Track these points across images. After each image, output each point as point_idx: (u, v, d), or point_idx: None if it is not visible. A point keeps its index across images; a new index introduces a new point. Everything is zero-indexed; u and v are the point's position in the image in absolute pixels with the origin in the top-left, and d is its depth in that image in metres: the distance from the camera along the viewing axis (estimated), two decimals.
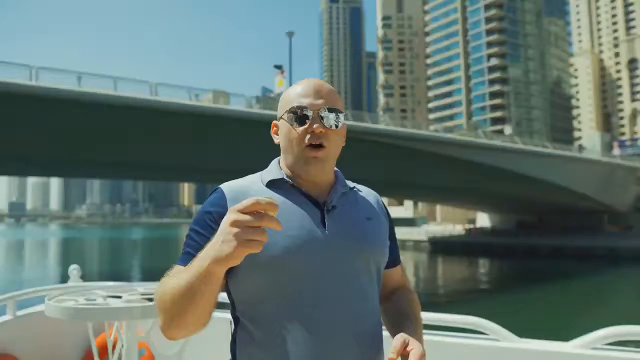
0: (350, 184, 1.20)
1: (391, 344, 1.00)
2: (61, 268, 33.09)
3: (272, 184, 1.09)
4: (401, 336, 1.00)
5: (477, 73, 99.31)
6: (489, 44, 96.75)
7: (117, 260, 43.18)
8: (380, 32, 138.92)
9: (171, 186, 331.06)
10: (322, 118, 1.07)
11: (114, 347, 2.28)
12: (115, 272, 31.08)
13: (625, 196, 50.65)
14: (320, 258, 1.02)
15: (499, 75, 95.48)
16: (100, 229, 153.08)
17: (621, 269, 33.85)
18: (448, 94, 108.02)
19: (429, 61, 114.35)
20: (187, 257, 0.98)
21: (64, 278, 3.26)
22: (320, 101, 1.08)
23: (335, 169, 1.18)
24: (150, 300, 2.04)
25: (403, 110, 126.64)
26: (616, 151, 61.25)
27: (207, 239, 0.95)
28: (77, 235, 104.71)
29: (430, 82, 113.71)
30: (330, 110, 1.08)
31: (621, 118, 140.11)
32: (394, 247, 1.21)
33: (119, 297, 2.12)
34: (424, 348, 1.00)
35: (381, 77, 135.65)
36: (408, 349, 0.97)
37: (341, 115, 1.11)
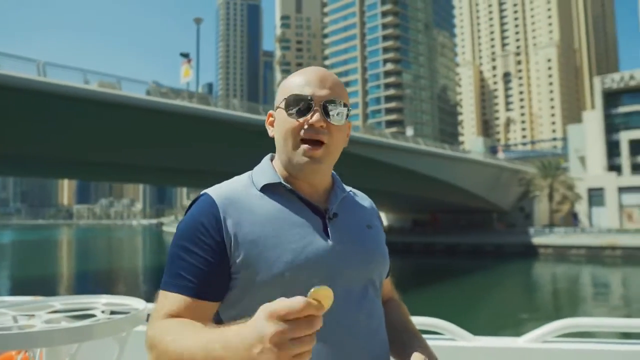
0: (346, 187, 1.12)
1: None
2: None
3: (267, 189, 0.99)
4: (419, 356, 0.96)
5: (373, 77, 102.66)
6: (385, 49, 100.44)
7: None
8: (278, 31, 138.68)
9: (48, 184, 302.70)
10: (325, 110, 0.95)
11: None
12: None
13: (510, 196, 54.95)
14: (325, 271, 0.94)
15: (393, 79, 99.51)
16: None
17: (506, 263, 36.47)
18: None
19: (327, 63, 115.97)
20: (182, 283, 0.90)
21: None
22: (324, 92, 0.96)
23: (332, 172, 1.08)
24: (76, 318, 1.70)
25: None
26: (501, 155, 66.59)
27: (202, 258, 0.90)
28: None
29: None
30: (335, 102, 0.97)
31: (497, 125, 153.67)
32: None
33: (34, 316, 1.72)
34: None
35: (278, 77, 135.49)
36: None
37: (346, 110, 0.99)
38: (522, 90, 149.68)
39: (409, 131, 49.62)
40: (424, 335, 1.94)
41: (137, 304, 1.80)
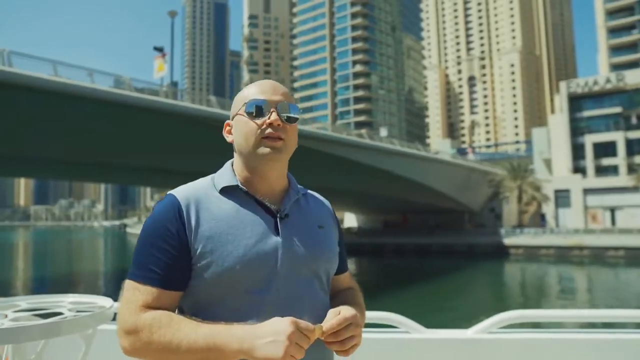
0: (302, 189, 1.21)
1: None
2: None
3: (225, 191, 1.10)
4: (334, 310, 1.04)
5: (343, 78, 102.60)
6: (354, 51, 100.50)
7: None
8: (246, 30, 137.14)
9: (3, 183, 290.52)
10: (280, 112, 1.09)
11: None
12: None
13: (479, 197, 55.67)
14: (273, 264, 1.04)
15: (362, 81, 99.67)
16: None
17: (478, 263, 36.81)
18: (314, 97, 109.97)
19: (295, 63, 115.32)
20: (151, 275, 1.00)
21: None
22: (277, 97, 1.10)
23: (288, 173, 1.19)
24: (43, 316, 1.65)
25: None
26: (471, 156, 67.42)
27: (167, 252, 1.01)
28: None
29: (296, 84, 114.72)
30: (288, 105, 1.11)
31: (462, 128, 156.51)
32: (343, 254, 1.24)
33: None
34: (361, 320, 1.06)
35: (246, 76, 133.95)
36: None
37: (298, 111, 1.13)
38: (486, 94, 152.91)
39: (383, 132, 49.65)
40: (380, 329, 2.22)
41: (103, 302, 1.78)
